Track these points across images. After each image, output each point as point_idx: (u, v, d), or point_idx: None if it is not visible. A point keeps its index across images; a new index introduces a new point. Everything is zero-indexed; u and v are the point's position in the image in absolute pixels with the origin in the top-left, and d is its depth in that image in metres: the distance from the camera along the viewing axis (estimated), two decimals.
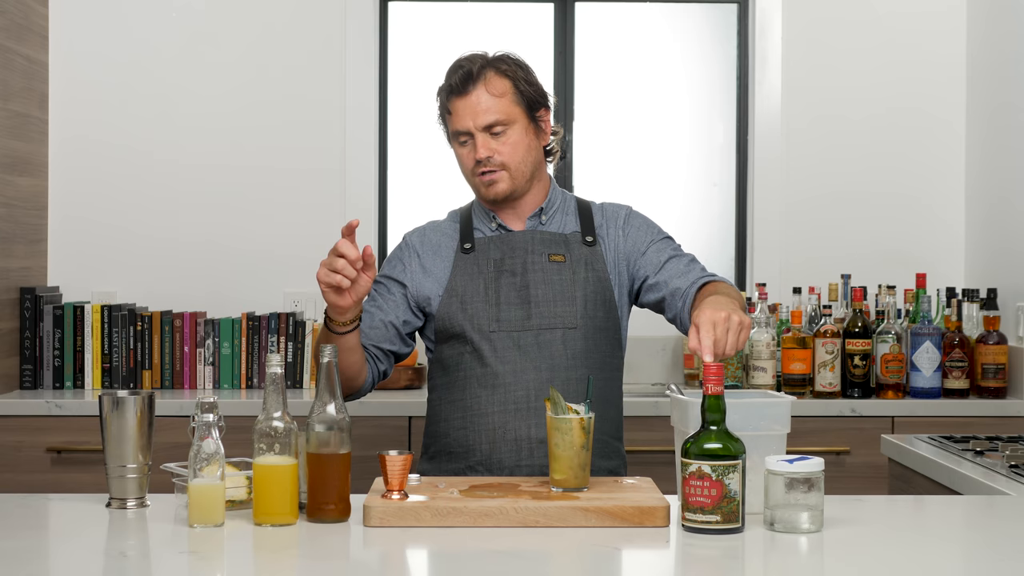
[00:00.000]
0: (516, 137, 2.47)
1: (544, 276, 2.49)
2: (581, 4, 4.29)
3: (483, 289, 2.48)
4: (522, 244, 2.51)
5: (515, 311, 2.47)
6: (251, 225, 4.13)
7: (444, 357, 2.52)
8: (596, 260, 2.52)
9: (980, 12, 4.07)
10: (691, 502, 1.92)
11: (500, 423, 2.43)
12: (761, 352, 3.65)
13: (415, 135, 4.27)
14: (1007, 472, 2.45)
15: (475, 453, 2.45)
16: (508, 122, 2.46)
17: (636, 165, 4.31)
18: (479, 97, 2.45)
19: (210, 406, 1.97)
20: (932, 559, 1.86)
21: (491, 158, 2.45)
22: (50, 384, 3.83)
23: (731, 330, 2.09)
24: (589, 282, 2.50)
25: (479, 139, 2.45)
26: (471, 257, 2.51)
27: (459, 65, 2.48)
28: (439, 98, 2.53)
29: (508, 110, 2.46)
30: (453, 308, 2.48)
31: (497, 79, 2.46)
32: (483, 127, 2.44)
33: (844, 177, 4.18)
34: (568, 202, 2.60)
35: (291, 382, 3.85)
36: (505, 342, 2.45)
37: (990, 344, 3.68)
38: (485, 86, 2.45)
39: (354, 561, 1.88)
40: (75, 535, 1.99)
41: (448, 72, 2.50)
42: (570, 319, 2.47)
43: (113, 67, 4.12)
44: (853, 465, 3.53)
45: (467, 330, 2.46)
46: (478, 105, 2.44)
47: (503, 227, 2.55)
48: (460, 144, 2.49)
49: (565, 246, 2.52)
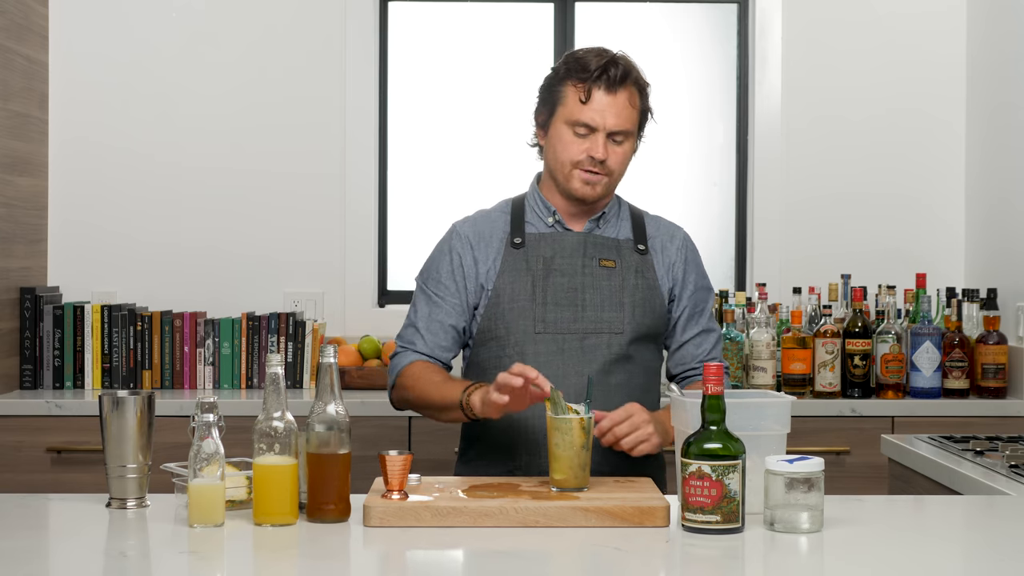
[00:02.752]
0: (627, 150, 2.48)
1: (595, 281, 2.48)
2: (581, 4, 4.29)
3: (531, 287, 2.46)
4: (574, 246, 2.50)
5: (563, 312, 2.45)
6: (251, 225, 4.13)
7: (482, 360, 2.50)
8: (647, 268, 2.52)
9: (980, 12, 4.07)
10: (691, 502, 1.92)
11: (541, 427, 2.42)
12: (761, 352, 3.65)
13: (415, 136, 4.26)
14: (1007, 472, 2.45)
15: (516, 458, 2.45)
16: (630, 134, 2.47)
17: (636, 165, 4.28)
18: (623, 102, 2.43)
19: (210, 406, 1.97)
20: (932, 559, 1.86)
21: (605, 161, 2.44)
22: (50, 384, 3.83)
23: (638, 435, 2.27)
24: (639, 289, 2.49)
25: (601, 140, 2.43)
26: (520, 253, 2.48)
27: (615, 61, 2.44)
28: (562, 77, 2.45)
29: (634, 124, 2.47)
30: (501, 308, 2.46)
31: (635, 93, 2.46)
32: (613, 130, 2.44)
33: (844, 177, 4.18)
34: (623, 208, 2.60)
35: (291, 382, 3.84)
36: (549, 345, 2.44)
37: (990, 344, 3.68)
38: (629, 94, 2.45)
39: (354, 561, 1.88)
40: (75, 535, 1.99)
41: (599, 63, 2.43)
42: (616, 325, 2.46)
43: (113, 67, 4.12)
44: (853, 465, 3.53)
45: (512, 331, 2.45)
46: (619, 108, 2.43)
47: (561, 223, 2.52)
48: (574, 132, 2.44)
49: (617, 252, 2.51)
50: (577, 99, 2.43)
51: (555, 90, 2.47)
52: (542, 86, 2.52)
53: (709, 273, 2.67)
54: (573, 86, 2.44)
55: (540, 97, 2.52)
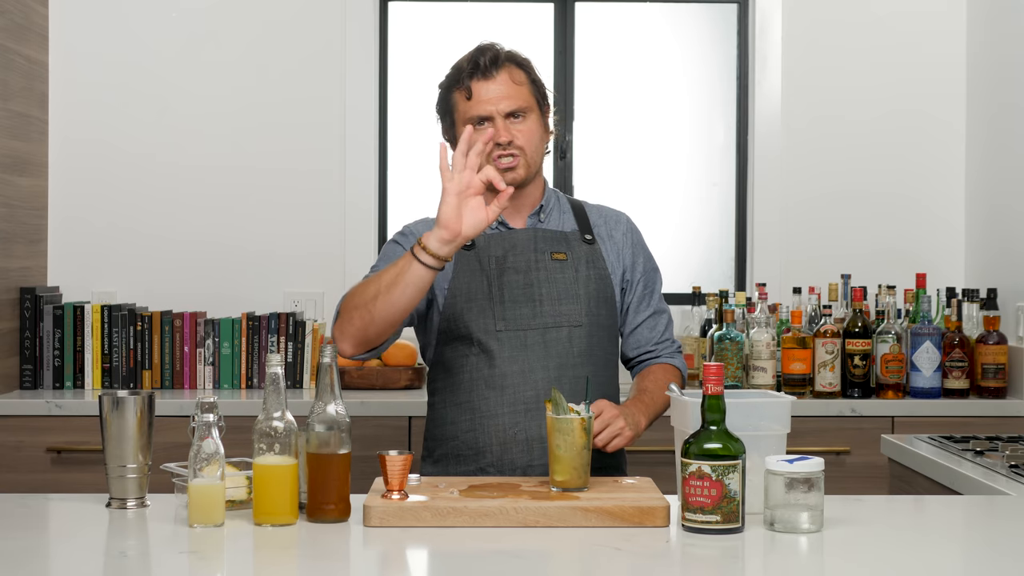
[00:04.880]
0: (532, 126, 2.48)
1: (548, 274, 2.49)
2: (581, 4, 4.29)
3: (487, 287, 2.47)
4: (524, 242, 2.51)
5: (521, 309, 2.46)
6: (251, 225, 4.13)
7: (447, 359, 2.51)
8: (596, 258, 2.53)
9: (980, 13, 4.07)
10: (691, 502, 1.92)
11: (510, 424, 2.43)
12: (761, 352, 3.65)
13: (415, 135, 4.26)
14: (1007, 472, 2.45)
15: (486, 455, 2.45)
16: (527, 110, 2.48)
17: (636, 165, 4.31)
18: (504, 83, 2.46)
19: (210, 406, 1.97)
20: (932, 559, 1.86)
21: (511, 142, 2.45)
22: (50, 384, 3.83)
23: (611, 431, 2.31)
24: (591, 280, 2.51)
25: (500, 123, 2.44)
26: (472, 254, 2.50)
27: (482, 50, 2.48)
28: (447, 88, 2.51)
29: (528, 99, 2.48)
30: (458, 308, 2.47)
31: (517, 70, 2.49)
32: (506, 112, 2.45)
33: (844, 177, 4.18)
34: (562, 201, 2.61)
35: (291, 382, 3.84)
36: (512, 341, 2.45)
37: (990, 344, 3.68)
38: (509, 73, 2.47)
39: (354, 561, 1.88)
40: (75, 535, 1.99)
41: (468, 58, 2.48)
42: (576, 317, 2.48)
43: (113, 67, 4.12)
44: (853, 465, 3.53)
45: (473, 331, 2.45)
46: (503, 90, 2.45)
47: (504, 224, 2.54)
48: (476, 130, 2.46)
49: (566, 244, 2.53)
50: (464, 99, 2.47)
51: (446, 103, 2.52)
52: (436, 107, 2.55)
53: (709, 273, 2.69)
54: (457, 91, 2.49)
55: (438, 117, 2.56)
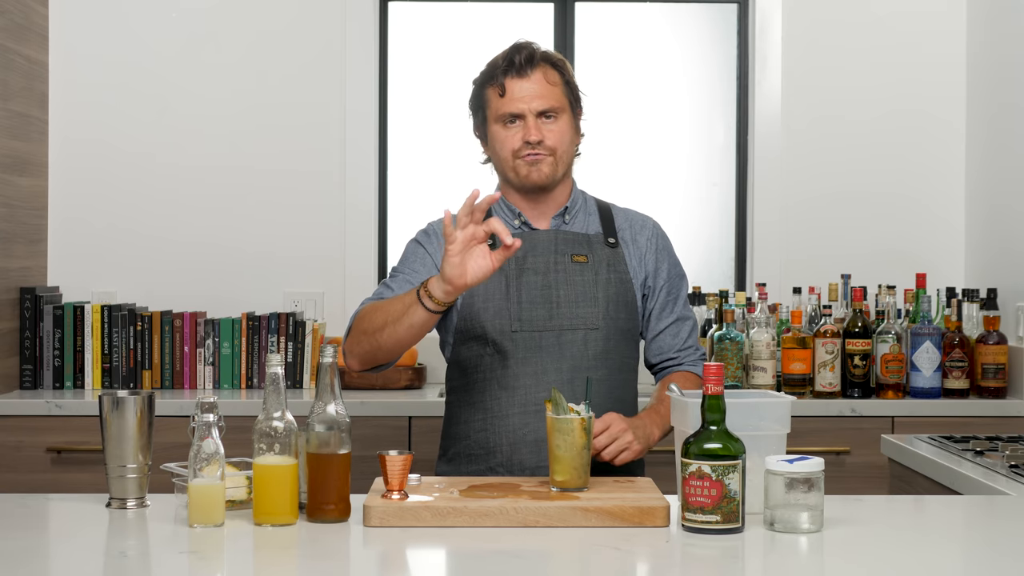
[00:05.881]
0: (564, 127, 2.49)
1: (567, 277, 2.48)
2: (581, 4, 4.29)
3: (504, 287, 2.46)
4: (545, 243, 2.51)
5: (537, 310, 2.46)
6: (251, 226, 4.13)
7: (462, 359, 2.51)
8: (618, 262, 2.53)
9: (980, 13, 4.07)
10: (691, 502, 1.92)
11: (520, 424, 2.43)
12: (761, 352, 3.65)
13: (415, 136, 4.27)
14: (1007, 472, 2.45)
15: (496, 455, 2.45)
16: (560, 110, 2.48)
17: (636, 165, 4.30)
18: (538, 80, 2.47)
19: (210, 406, 1.97)
20: (932, 559, 1.86)
21: (542, 141, 2.46)
22: (50, 384, 3.83)
23: (619, 445, 2.30)
24: (611, 283, 2.50)
25: (532, 122, 2.45)
26: None
27: (518, 48, 2.49)
28: (481, 84, 2.52)
29: (561, 100, 2.49)
30: (475, 308, 2.46)
31: (551, 70, 2.50)
32: (539, 111, 2.46)
33: (844, 177, 4.18)
34: (589, 203, 2.60)
35: (291, 382, 3.85)
36: (527, 342, 2.45)
37: (990, 344, 3.68)
38: (543, 73, 2.48)
39: (354, 561, 1.88)
40: (75, 535, 1.99)
41: (504, 55, 2.49)
42: (592, 320, 2.47)
43: (113, 67, 4.12)
44: (853, 465, 3.53)
45: (488, 331, 2.45)
46: (537, 89, 2.46)
47: (527, 224, 2.53)
48: (505, 127, 2.48)
49: (588, 247, 2.52)
50: (497, 96, 2.49)
51: (479, 99, 2.54)
52: (469, 103, 2.57)
53: (709, 273, 2.68)
54: (491, 87, 2.50)
55: (471, 113, 2.58)
